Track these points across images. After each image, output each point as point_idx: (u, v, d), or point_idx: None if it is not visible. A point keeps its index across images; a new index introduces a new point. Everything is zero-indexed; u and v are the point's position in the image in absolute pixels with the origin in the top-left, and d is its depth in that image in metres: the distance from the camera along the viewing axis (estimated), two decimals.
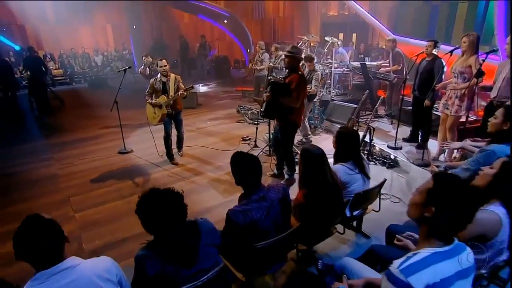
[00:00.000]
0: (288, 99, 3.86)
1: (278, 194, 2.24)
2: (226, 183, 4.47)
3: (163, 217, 1.64)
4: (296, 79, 3.86)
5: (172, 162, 5.15)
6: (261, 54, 8.43)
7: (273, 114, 4.10)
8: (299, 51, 3.99)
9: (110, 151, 5.79)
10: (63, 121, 7.93)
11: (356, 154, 2.82)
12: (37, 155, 5.72)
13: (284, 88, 3.90)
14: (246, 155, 2.25)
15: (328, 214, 2.48)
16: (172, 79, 5.00)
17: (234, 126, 7.04)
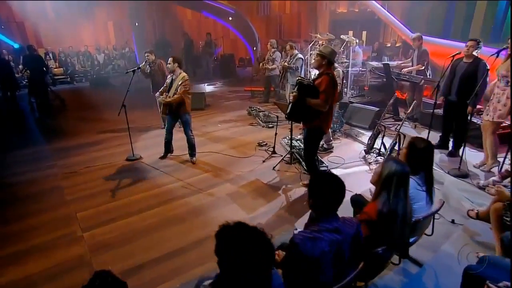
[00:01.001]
0: (316, 101, 3.49)
1: (352, 228, 1.86)
2: (248, 196, 4.06)
3: (252, 263, 1.32)
4: (326, 81, 3.48)
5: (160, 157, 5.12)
6: (272, 53, 8.02)
7: (299, 116, 3.71)
8: (332, 52, 3.58)
9: (117, 158, 5.37)
10: (65, 124, 7.50)
11: (429, 167, 2.45)
12: (39, 162, 5.30)
13: (313, 90, 3.50)
14: (333, 176, 1.86)
15: (399, 238, 2.11)
16: (178, 78, 4.68)
17: (247, 129, 6.63)
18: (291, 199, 4.00)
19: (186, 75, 4.77)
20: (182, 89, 4.66)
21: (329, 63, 3.59)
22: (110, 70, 13.08)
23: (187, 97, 4.80)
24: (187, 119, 4.88)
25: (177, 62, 4.77)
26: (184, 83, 4.67)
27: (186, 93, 4.74)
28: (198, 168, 4.89)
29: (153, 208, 3.82)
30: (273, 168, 4.77)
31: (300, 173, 4.60)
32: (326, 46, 3.63)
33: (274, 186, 4.32)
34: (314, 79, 3.65)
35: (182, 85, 4.66)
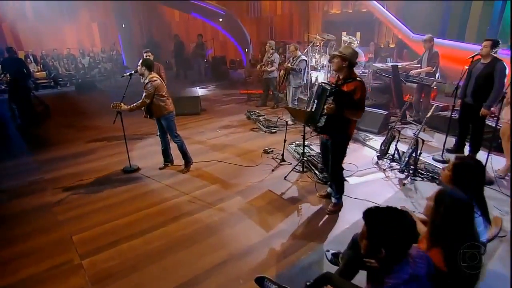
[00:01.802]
0: (355, 112, 3.18)
1: (424, 266, 1.52)
2: (262, 211, 3.70)
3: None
4: (360, 87, 3.17)
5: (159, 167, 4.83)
6: (271, 55, 7.69)
7: (334, 129, 3.36)
8: (353, 53, 3.27)
9: (112, 169, 4.91)
10: (51, 132, 6.93)
11: (479, 191, 2.12)
12: (24, 176, 4.77)
13: (347, 98, 3.18)
14: (397, 212, 1.50)
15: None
16: (146, 80, 4.35)
17: (249, 135, 6.27)
18: (310, 213, 3.67)
19: (154, 77, 4.33)
20: (144, 93, 4.31)
21: (351, 65, 3.28)
22: (96, 74, 12.44)
23: (159, 99, 4.37)
24: (166, 122, 4.52)
25: (145, 65, 4.37)
26: (146, 85, 4.28)
27: (150, 97, 4.30)
28: (204, 179, 4.50)
29: (158, 228, 3.41)
30: (284, 177, 4.43)
31: (315, 183, 4.28)
32: (346, 46, 3.31)
33: (288, 198, 3.98)
34: (339, 83, 3.32)
35: (144, 88, 4.30)
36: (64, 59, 12.07)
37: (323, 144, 3.66)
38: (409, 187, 4.18)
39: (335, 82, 3.42)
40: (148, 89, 4.27)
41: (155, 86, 4.29)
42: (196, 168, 4.83)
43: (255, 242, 3.16)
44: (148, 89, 4.27)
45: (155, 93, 4.33)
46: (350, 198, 3.88)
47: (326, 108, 3.20)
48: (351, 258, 2.16)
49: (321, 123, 3.39)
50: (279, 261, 2.91)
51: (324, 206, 3.78)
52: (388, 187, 4.22)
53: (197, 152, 5.39)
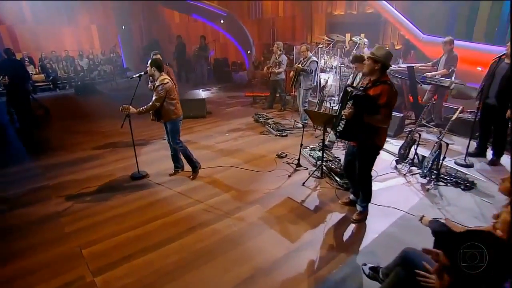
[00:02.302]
0: (378, 118, 2.94)
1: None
2: (284, 220, 3.48)
3: None
4: (387, 91, 2.93)
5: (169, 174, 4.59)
6: (279, 56, 7.49)
7: (354, 135, 3.15)
8: (387, 54, 3.05)
9: (118, 176, 4.66)
10: (51, 136, 6.64)
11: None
12: (28, 183, 4.51)
13: (371, 102, 2.96)
14: (486, 236, 1.28)
15: None
16: (157, 82, 4.11)
17: (259, 139, 6.04)
18: (335, 222, 3.45)
19: (165, 79, 4.08)
20: (155, 96, 4.06)
21: (384, 68, 3.06)
22: (96, 76, 12.16)
23: (169, 103, 4.13)
24: (172, 126, 4.28)
25: (155, 65, 4.10)
26: (157, 88, 4.04)
27: (161, 100, 4.06)
28: (217, 186, 4.26)
29: (174, 240, 3.17)
30: (302, 184, 4.21)
31: (335, 189, 4.07)
32: (379, 47, 3.10)
33: (310, 206, 3.76)
34: (366, 88, 3.12)
35: (155, 91, 4.06)
36: (63, 62, 11.78)
37: (349, 151, 3.44)
38: (433, 193, 3.99)
39: (365, 85, 3.22)
40: (159, 91, 4.03)
41: (166, 89, 4.05)
42: (207, 174, 4.59)
43: (282, 254, 2.94)
44: (159, 91, 4.03)
45: (166, 96, 4.09)
46: (374, 205, 3.66)
47: (345, 113, 2.99)
48: (402, 277, 1.94)
49: (340, 128, 3.18)
50: (309, 275, 2.69)
51: (348, 214, 3.57)
52: (411, 193, 4.02)
53: (207, 157, 5.17)
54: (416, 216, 3.31)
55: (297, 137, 6.01)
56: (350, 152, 3.38)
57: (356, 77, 4.61)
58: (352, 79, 4.67)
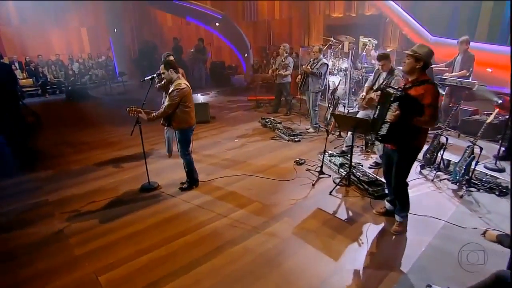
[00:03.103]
0: (425, 120, 2.73)
1: None
2: (320, 233, 3.18)
3: None
4: (432, 91, 2.73)
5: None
6: (285, 58, 7.23)
7: (398, 138, 2.89)
8: (428, 52, 2.82)
9: (126, 188, 4.27)
10: (46, 145, 6.16)
11: None
12: (26, 197, 4.07)
13: (417, 103, 2.72)
14: None
15: None
16: (172, 86, 3.76)
17: (271, 144, 5.74)
18: (374, 235, 3.17)
19: (182, 83, 3.70)
20: (168, 102, 3.67)
21: (425, 66, 2.84)
22: (87, 81, 11.61)
23: (183, 111, 3.75)
24: (182, 136, 3.90)
25: (172, 67, 3.73)
26: (172, 93, 3.65)
27: (174, 106, 3.68)
28: (237, 197, 3.93)
29: (204, 262, 2.82)
30: (330, 193, 3.93)
31: (365, 197, 3.81)
32: (421, 45, 2.87)
33: (343, 217, 3.48)
34: (405, 88, 2.87)
35: (169, 96, 3.68)
36: (52, 66, 11.19)
37: (387, 155, 3.20)
38: (468, 200, 3.78)
39: (403, 85, 2.98)
40: (173, 97, 3.65)
41: (182, 94, 3.68)
42: (224, 184, 4.26)
43: (327, 274, 2.63)
44: (173, 97, 3.65)
45: (181, 103, 3.73)
46: (411, 214, 3.40)
47: (390, 116, 2.74)
48: None
49: (383, 131, 2.92)
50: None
51: (386, 226, 3.31)
52: (444, 200, 3.80)
53: (220, 166, 4.84)
54: (478, 229, 3.12)
55: (311, 142, 5.78)
56: (388, 156, 3.13)
57: (379, 77, 4.37)
58: (374, 79, 4.43)
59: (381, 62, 4.24)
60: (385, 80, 4.26)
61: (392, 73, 4.24)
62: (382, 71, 4.32)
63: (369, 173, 4.29)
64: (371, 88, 4.42)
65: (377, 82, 4.38)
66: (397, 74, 4.20)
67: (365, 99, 4.41)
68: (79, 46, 13.22)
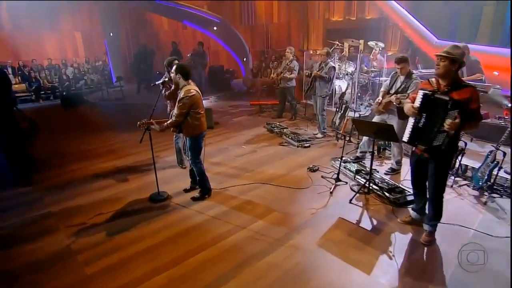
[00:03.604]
0: (475, 124, 2.68)
1: None
2: (347, 245, 3.01)
3: None
4: (477, 94, 2.65)
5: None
6: (290, 62, 7.10)
7: (450, 145, 2.76)
8: (463, 54, 2.71)
9: (133, 198, 4.05)
10: (43, 153, 5.89)
11: None
12: (27, 210, 3.82)
13: (469, 109, 2.62)
14: None
15: None
16: (181, 92, 3.56)
17: (280, 150, 5.57)
18: (403, 245, 3.02)
19: (191, 89, 3.51)
20: (178, 109, 3.49)
21: (459, 68, 2.73)
22: (83, 86, 11.31)
23: (194, 117, 3.58)
24: (192, 143, 3.73)
25: (180, 72, 3.54)
26: (181, 100, 3.46)
27: (183, 115, 3.51)
28: (254, 207, 3.74)
29: (229, 279, 2.62)
30: (349, 201, 3.77)
31: (389, 205, 3.66)
32: (455, 46, 2.74)
33: (367, 227, 3.33)
34: (445, 92, 2.73)
35: (179, 103, 3.48)
36: (46, 70, 10.86)
37: (419, 163, 3.04)
38: (492, 207, 3.66)
39: (435, 89, 2.82)
40: (183, 104, 3.46)
41: (192, 101, 3.50)
42: (238, 193, 4.07)
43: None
44: (183, 104, 3.46)
45: (192, 109, 3.55)
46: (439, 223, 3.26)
47: (450, 124, 2.57)
48: None
49: (438, 142, 2.71)
50: None
51: (414, 235, 3.17)
52: (468, 207, 3.68)
53: (231, 173, 4.66)
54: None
55: (320, 148, 5.64)
56: (421, 164, 2.99)
57: (396, 81, 4.25)
58: (391, 83, 4.31)
59: (400, 65, 4.12)
60: (403, 84, 4.15)
61: (410, 76, 4.13)
62: (400, 75, 4.20)
63: (388, 180, 4.16)
64: (388, 92, 4.30)
65: (394, 86, 4.27)
66: (416, 78, 4.09)
67: (381, 104, 4.29)
68: (73, 50, 12.91)
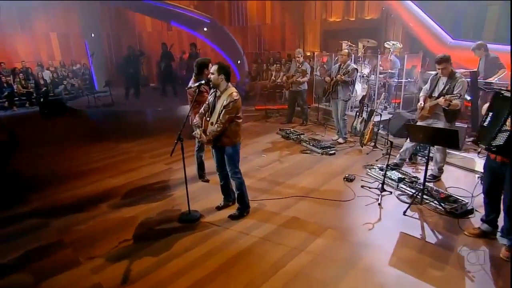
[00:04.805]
0: None
1: None
2: (423, 264, 2.79)
3: None
4: None
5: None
6: (301, 64, 6.92)
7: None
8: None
9: (158, 218, 3.65)
10: (31, 168, 5.30)
11: None
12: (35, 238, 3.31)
13: None
14: None
15: None
16: (224, 96, 3.26)
17: (305, 159, 5.32)
18: (484, 262, 2.83)
19: (235, 93, 3.28)
20: (226, 116, 3.22)
21: None
22: (62, 91, 10.59)
23: (236, 123, 3.37)
24: (232, 152, 3.44)
25: (224, 73, 3.27)
26: (228, 106, 3.20)
27: (230, 120, 3.27)
28: (303, 225, 3.44)
29: None
30: (403, 213, 3.57)
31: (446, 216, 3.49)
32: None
33: (434, 241, 3.13)
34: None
35: (226, 108, 3.21)
36: (21, 74, 10.07)
37: (492, 170, 2.90)
38: None
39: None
40: (230, 109, 3.20)
41: (238, 106, 3.26)
42: (279, 209, 3.77)
43: None
44: (230, 109, 3.20)
45: (236, 115, 3.31)
46: None
47: None
48: None
49: (498, 142, 2.64)
50: None
51: (491, 250, 2.98)
52: None
53: (260, 186, 4.36)
54: None
55: (347, 155, 5.47)
56: (495, 171, 2.85)
57: (438, 83, 4.14)
58: (432, 86, 4.18)
59: (441, 66, 4.00)
60: (447, 85, 4.03)
61: (453, 76, 4.01)
62: (442, 76, 4.09)
63: (436, 188, 4.00)
64: (430, 96, 4.18)
65: (436, 89, 4.14)
66: (460, 77, 3.98)
67: (424, 109, 4.17)
68: (49, 53, 12.12)
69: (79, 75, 11.50)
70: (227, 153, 3.45)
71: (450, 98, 3.77)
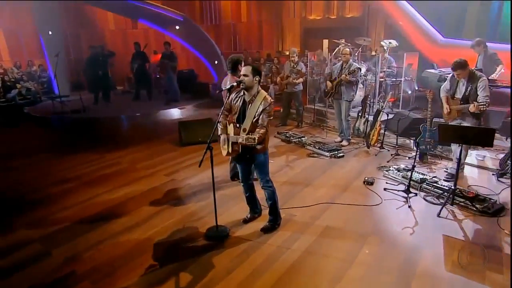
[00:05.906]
0: None
1: None
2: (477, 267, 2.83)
3: None
4: None
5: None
6: (296, 64, 6.93)
7: None
8: None
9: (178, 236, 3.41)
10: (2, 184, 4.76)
11: None
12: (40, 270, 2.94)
13: None
14: None
15: None
16: (257, 100, 3.16)
17: (316, 163, 5.30)
18: None
19: (268, 96, 3.23)
20: (266, 119, 3.14)
21: None
22: (16, 96, 9.69)
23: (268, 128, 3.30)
24: (262, 159, 3.36)
25: (258, 74, 3.19)
26: (268, 108, 3.13)
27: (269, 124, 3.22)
28: (343, 233, 3.39)
29: None
30: (437, 215, 3.65)
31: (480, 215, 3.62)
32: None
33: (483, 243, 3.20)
34: None
35: (265, 112, 3.12)
36: None
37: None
38: None
39: None
40: (269, 112, 3.13)
41: (273, 109, 3.21)
42: (309, 216, 3.70)
43: None
44: (269, 112, 3.13)
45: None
46: None
47: None
48: None
49: None
50: None
51: None
52: None
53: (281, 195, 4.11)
54: None
55: (356, 157, 5.55)
56: None
57: (458, 84, 4.30)
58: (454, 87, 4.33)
59: (457, 72, 4.16)
60: (469, 87, 4.18)
61: (473, 77, 4.17)
62: (460, 78, 4.25)
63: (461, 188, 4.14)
64: (452, 97, 4.35)
65: (458, 91, 4.30)
66: (481, 76, 4.16)
67: (451, 113, 4.32)
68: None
69: (35, 78, 10.61)
70: (259, 160, 3.31)
71: (479, 107, 3.90)
